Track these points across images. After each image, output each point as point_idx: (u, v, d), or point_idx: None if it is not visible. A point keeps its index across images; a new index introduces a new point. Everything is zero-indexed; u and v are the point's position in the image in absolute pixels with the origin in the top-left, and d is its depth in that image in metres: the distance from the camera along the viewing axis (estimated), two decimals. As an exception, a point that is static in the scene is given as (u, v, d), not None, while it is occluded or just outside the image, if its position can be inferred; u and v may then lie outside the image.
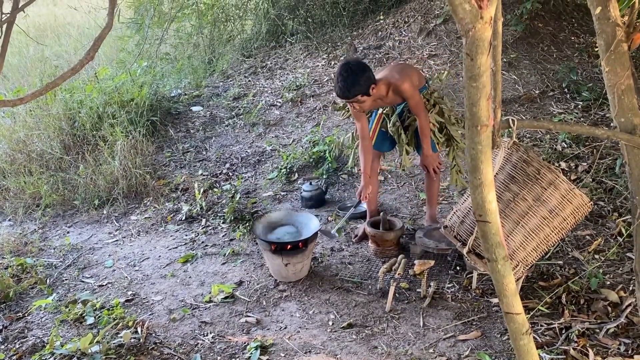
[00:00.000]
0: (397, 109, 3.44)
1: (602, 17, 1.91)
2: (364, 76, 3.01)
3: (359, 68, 3.02)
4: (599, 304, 2.76)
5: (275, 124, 5.50)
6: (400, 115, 3.46)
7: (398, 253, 3.39)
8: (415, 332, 2.76)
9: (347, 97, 3.06)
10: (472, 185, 1.37)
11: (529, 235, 2.21)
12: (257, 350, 2.65)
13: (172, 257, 3.70)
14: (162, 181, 4.75)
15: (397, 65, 3.40)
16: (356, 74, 2.99)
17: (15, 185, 4.69)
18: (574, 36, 6.03)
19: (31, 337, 2.92)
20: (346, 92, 3.03)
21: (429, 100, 3.38)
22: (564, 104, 5.06)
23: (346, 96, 3.05)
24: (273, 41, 7.24)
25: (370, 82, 3.05)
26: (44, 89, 2.01)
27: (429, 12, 6.45)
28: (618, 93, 1.96)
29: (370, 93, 3.07)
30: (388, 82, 3.18)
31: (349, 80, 2.99)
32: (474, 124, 1.28)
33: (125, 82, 5.62)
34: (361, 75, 3.00)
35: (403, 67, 3.42)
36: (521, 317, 1.50)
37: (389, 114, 3.49)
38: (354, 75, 2.99)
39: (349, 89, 3.01)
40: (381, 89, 3.17)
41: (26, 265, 3.64)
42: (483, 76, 1.22)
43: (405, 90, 3.16)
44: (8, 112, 5.45)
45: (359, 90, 3.02)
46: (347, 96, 3.05)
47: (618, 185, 3.72)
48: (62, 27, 9.31)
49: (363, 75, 3.01)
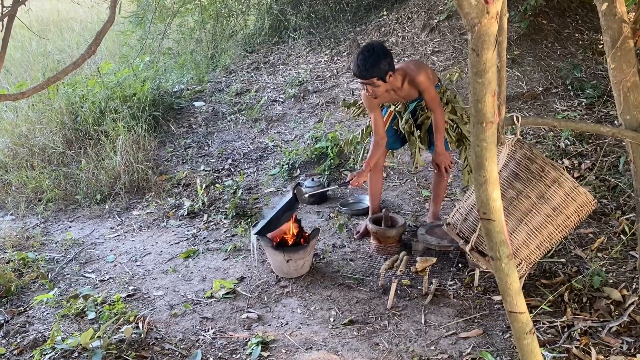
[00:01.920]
0: (410, 107, 3.41)
1: (608, 13, 1.90)
2: (384, 60, 3.01)
3: (382, 51, 3.02)
4: (602, 302, 2.74)
5: (277, 119, 5.49)
6: (412, 114, 3.44)
7: (400, 250, 3.39)
8: (417, 330, 2.75)
9: (364, 77, 3.05)
10: (477, 183, 1.36)
11: (532, 233, 2.20)
12: (258, 347, 2.65)
13: (174, 253, 3.69)
14: (164, 176, 4.74)
15: (413, 61, 3.39)
16: (378, 56, 2.99)
17: (17, 180, 4.69)
18: (578, 33, 5.99)
19: (32, 332, 2.92)
20: (364, 72, 3.01)
21: (442, 99, 3.36)
22: (567, 101, 5.04)
23: (363, 76, 3.04)
24: (276, 37, 7.22)
25: (389, 68, 3.04)
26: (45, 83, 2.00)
27: (432, 8, 6.42)
28: (624, 90, 1.95)
29: (387, 80, 3.06)
30: (405, 72, 3.17)
31: (370, 60, 2.99)
32: (479, 121, 1.26)
33: (128, 77, 5.61)
34: (382, 58, 3.00)
35: (419, 62, 3.41)
36: (525, 316, 1.49)
37: (401, 112, 3.47)
38: (376, 56, 2.99)
39: (368, 69, 3.00)
40: (397, 79, 3.16)
41: (28, 260, 3.64)
42: (489, 72, 1.20)
43: (421, 82, 3.15)
44: (10, 107, 5.45)
45: (377, 73, 3.01)
46: (364, 76, 3.03)
47: (621, 183, 3.70)
48: (64, 21, 9.31)
49: (384, 59, 3.01)
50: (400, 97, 3.32)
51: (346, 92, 5.65)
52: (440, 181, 3.58)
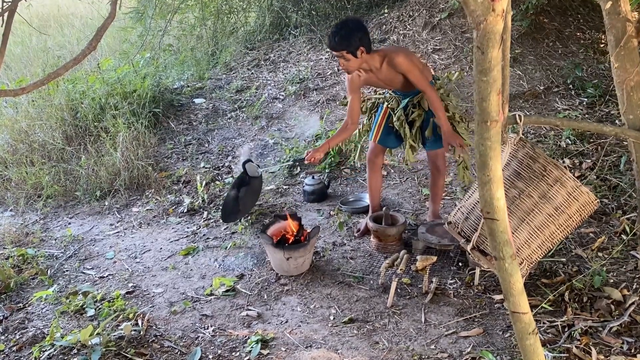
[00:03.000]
0: (402, 103, 3.40)
1: (612, 12, 1.88)
2: (356, 34, 3.01)
3: (355, 26, 3.05)
4: (602, 302, 2.74)
5: (278, 117, 5.48)
6: (404, 109, 3.42)
7: (400, 248, 3.38)
8: (417, 328, 2.74)
9: (334, 49, 3.06)
10: (481, 182, 1.35)
11: (534, 233, 2.19)
12: (257, 344, 2.64)
13: (174, 250, 3.69)
14: (164, 173, 4.73)
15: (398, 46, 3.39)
16: (350, 30, 3.01)
17: (17, 176, 4.68)
18: (580, 32, 5.97)
19: (31, 328, 2.91)
20: (334, 44, 3.03)
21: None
22: (568, 101, 5.02)
23: (334, 47, 3.05)
24: (277, 34, 7.19)
25: (361, 43, 3.03)
26: (46, 78, 1.99)
27: (433, 6, 6.40)
28: (627, 89, 1.94)
29: (358, 55, 3.05)
30: (384, 53, 3.16)
31: (341, 32, 3.01)
32: (483, 119, 1.25)
33: (128, 73, 5.59)
34: (355, 32, 3.01)
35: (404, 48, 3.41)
36: (528, 317, 1.48)
37: (394, 108, 3.45)
38: (347, 30, 3.01)
39: (338, 42, 3.01)
40: (375, 59, 3.14)
41: (27, 256, 3.63)
42: (494, 70, 1.19)
43: (401, 63, 3.11)
44: (10, 102, 5.44)
45: (346, 45, 3.02)
46: (334, 47, 3.05)
47: (622, 182, 3.70)
48: (65, 17, 9.28)
49: (356, 33, 3.02)
50: (381, 80, 3.26)
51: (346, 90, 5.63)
52: (437, 179, 3.57)
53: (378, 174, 3.66)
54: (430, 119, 3.34)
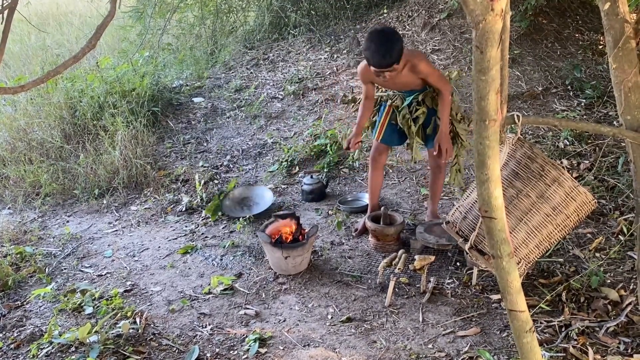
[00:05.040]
0: (407, 100, 3.40)
1: (610, 13, 1.89)
2: (398, 44, 2.93)
3: (394, 35, 2.94)
4: (599, 302, 2.75)
5: (276, 116, 5.48)
6: (409, 107, 3.42)
7: (398, 248, 3.38)
8: (415, 328, 2.75)
9: (388, 66, 2.95)
10: (479, 181, 1.35)
11: (531, 232, 2.20)
12: (255, 343, 2.64)
13: (172, 248, 3.69)
14: (162, 172, 4.73)
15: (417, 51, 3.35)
16: (393, 42, 2.91)
17: (15, 174, 4.68)
18: (579, 33, 5.99)
19: (29, 326, 2.91)
20: (388, 60, 2.91)
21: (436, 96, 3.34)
22: (567, 101, 5.04)
23: (387, 64, 2.94)
24: (276, 33, 7.20)
25: (402, 50, 2.97)
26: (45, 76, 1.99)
27: (433, 7, 6.41)
28: (625, 90, 1.95)
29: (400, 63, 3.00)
30: (406, 59, 3.07)
31: (388, 47, 2.90)
32: (482, 119, 1.26)
33: (127, 71, 5.59)
34: (397, 42, 2.93)
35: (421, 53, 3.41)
36: (525, 315, 1.49)
37: (398, 106, 3.45)
38: (391, 43, 2.91)
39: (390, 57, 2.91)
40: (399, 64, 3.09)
41: (25, 254, 3.63)
42: (493, 69, 1.20)
43: (424, 69, 3.10)
44: (9, 100, 5.43)
45: (396, 58, 2.93)
46: (388, 64, 2.94)
47: (620, 183, 3.71)
48: (64, 15, 9.27)
49: (398, 42, 2.93)
50: (397, 82, 3.21)
51: (346, 90, 5.64)
52: (436, 178, 3.58)
53: (380, 173, 3.67)
54: (432, 117, 3.35)
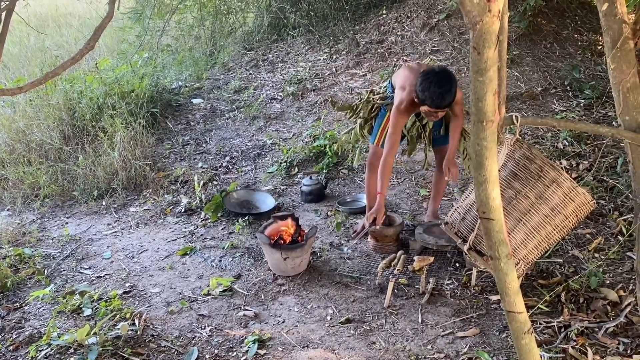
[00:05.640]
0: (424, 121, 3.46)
1: (608, 13, 1.89)
2: (456, 83, 3.00)
3: (452, 76, 3.00)
4: (599, 303, 2.75)
5: (275, 117, 5.48)
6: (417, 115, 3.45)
7: (397, 249, 3.38)
8: (414, 329, 2.75)
9: (442, 106, 3.00)
10: (477, 182, 1.35)
11: (530, 233, 2.19)
12: (254, 344, 2.64)
13: (171, 250, 3.69)
14: (161, 173, 4.73)
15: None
16: (452, 83, 2.96)
17: (14, 175, 4.67)
18: (577, 34, 5.99)
19: (28, 328, 2.91)
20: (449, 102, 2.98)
21: None
22: (565, 102, 5.04)
23: (444, 105, 2.99)
24: (275, 34, 7.20)
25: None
26: (43, 78, 1.99)
27: (431, 7, 6.41)
28: (623, 91, 1.95)
29: None
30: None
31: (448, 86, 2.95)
32: (479, 119, 1.26)
33: (126, 73, 5.59)
34: (455, 82, 2.99)
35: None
36: (523, 316, 1.49)
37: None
38: (452, 85, 2.96)
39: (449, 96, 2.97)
40: None
41: (24, 256, 3.63)
42: (490, 70, 1.20)
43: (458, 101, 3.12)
44: (8, 102, 5.43)
45: (454, 97, 3.00)
46: (445, 105, 2.99)
47: (619, 184, 3.71)
48: (63, 16, 9.27)
49: (456, 82, 3.00)
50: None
51: (345, 91, 5.64)
52: (441, 178, 3.59)
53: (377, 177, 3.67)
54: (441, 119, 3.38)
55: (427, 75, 2.99)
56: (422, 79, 2.99)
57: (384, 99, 3.52)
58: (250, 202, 4.21)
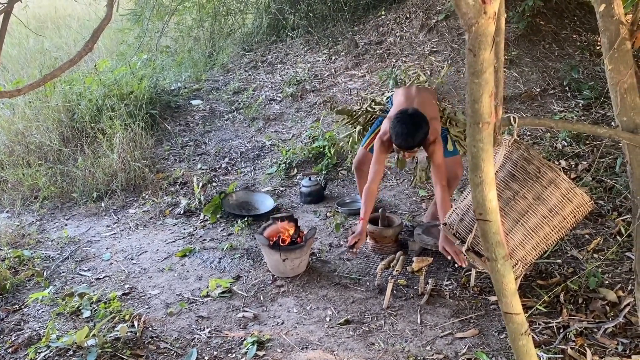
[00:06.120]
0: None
1: (606, 14, 1.89)
2: (425, 130, 3.02)
3: (422, 120, 3.01)
4: (598, 303, 2.75)
5: (275, 118, 5.48)
6: None
7: (396, 250, 3.38)
8: (413, 329, 2.75)
9: (404, 148, 3.05)
10: (473, 184, 1.35)
11: (528, 234, 2.19)
12: (254, 346, 2.64)
13: (170, 251, 3.69)
14: (160, 175, 4.73)
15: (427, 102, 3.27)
16: (421, 127, 2.99)
17: (13, 177, 4.68)
18: (576, 34, 6.00)
19: (27, 330, 2.91)
20: (412, 144, 3.02)
21: (442, 117, 3.35)
22: (564, 102, 5.04)
23: (412, 147, 3.04)
24: (274, 35, 7.21)
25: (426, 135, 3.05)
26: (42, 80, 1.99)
27: (430, 8, 6.42)
28: (621, 91, 1.94)
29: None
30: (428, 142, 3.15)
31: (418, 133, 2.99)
32: (475, 121, 1.26)
33: (125, 74, 5.59)
34: (424, 126, 3.01)
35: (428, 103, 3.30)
36: (520, 317, 1.49)
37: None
38: (419, 127, 2.99)
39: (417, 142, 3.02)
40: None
41: (23, 258, 3.63)
42: (486, 72, 1.20)
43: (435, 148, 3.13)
44: (7, 104, 5.43)
45: (417, 143, 3.04)
46: (412, 147, 3.05)
47: (618, 184, 3.71)
48: (62, 18, 9.27)
49: (425, 128, 3.02)
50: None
51: (344, 92, 5.65)
52: (451, 184, 3.50)
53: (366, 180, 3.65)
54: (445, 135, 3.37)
55: (399, 113, 3.05)
56: (394, 116, 3.05)
57: (384, 111, 3.52)
58: (249, 204, 4.21)
